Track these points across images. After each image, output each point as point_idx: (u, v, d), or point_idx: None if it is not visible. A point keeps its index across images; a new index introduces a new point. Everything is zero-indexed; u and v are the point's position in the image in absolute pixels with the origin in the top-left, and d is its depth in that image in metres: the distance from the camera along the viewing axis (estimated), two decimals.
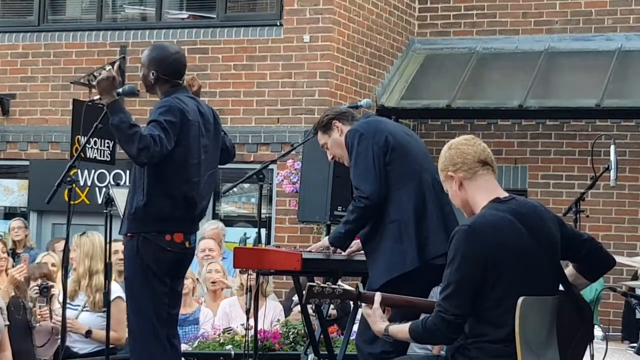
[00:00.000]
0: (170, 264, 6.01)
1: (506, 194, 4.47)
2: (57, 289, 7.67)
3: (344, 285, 4.59)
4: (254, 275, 8.28)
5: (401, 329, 4.44)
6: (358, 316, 6.16)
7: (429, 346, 7.79)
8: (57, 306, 7.67)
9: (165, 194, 5.89)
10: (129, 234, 5.94)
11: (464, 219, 4.42)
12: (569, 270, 4.64)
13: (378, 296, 4.56)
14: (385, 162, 5.73)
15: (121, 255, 8.51)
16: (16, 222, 11.05)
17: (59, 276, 8.02)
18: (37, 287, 7.54)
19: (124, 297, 7.90)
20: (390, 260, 5.66)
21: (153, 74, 6.02)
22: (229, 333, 8.26)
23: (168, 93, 6.01)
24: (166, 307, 6.02)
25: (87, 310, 7.73)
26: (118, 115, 5.75)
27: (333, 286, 4.54)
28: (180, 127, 5.86)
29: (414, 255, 5.63)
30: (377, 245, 5.74)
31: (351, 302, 5.27)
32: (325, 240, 6.05)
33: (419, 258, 5.64)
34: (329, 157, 6.16)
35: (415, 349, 7.29)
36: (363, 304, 4.60)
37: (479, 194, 4.43)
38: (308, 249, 6.24)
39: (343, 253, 6.04)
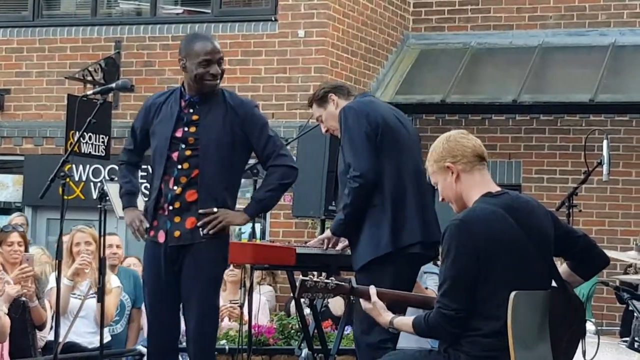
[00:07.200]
0: None
1: (499, 189, 4.48)
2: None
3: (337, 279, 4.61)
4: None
5: (406, 322, 4.44)
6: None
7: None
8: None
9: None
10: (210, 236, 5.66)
11: (451, 213, 4.43)
12: (563, 268, 4.63)
13: (372, 289, 4.58)
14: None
15: (115, 250, 8.54)
16: (19, 219, 10.25)
17: (47, 269, 7.99)
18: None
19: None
20: (367, 244, 5.64)
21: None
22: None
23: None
24: None
25: (92, 296, 7.68)
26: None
27: (326, 281, 4.55)
28: None
29: (388, 240, 5.60)
30: (358, 230, 5.69)
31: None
32: (327, 232, 5.99)
33: (393, 244, 5.61)
34: (323, 130, 6.09)
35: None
36: (361, 300, 4.62)
37: (474, 188, 4.44)
38: (309, 243, 6.18)
39: (337, 248, 5.98)
